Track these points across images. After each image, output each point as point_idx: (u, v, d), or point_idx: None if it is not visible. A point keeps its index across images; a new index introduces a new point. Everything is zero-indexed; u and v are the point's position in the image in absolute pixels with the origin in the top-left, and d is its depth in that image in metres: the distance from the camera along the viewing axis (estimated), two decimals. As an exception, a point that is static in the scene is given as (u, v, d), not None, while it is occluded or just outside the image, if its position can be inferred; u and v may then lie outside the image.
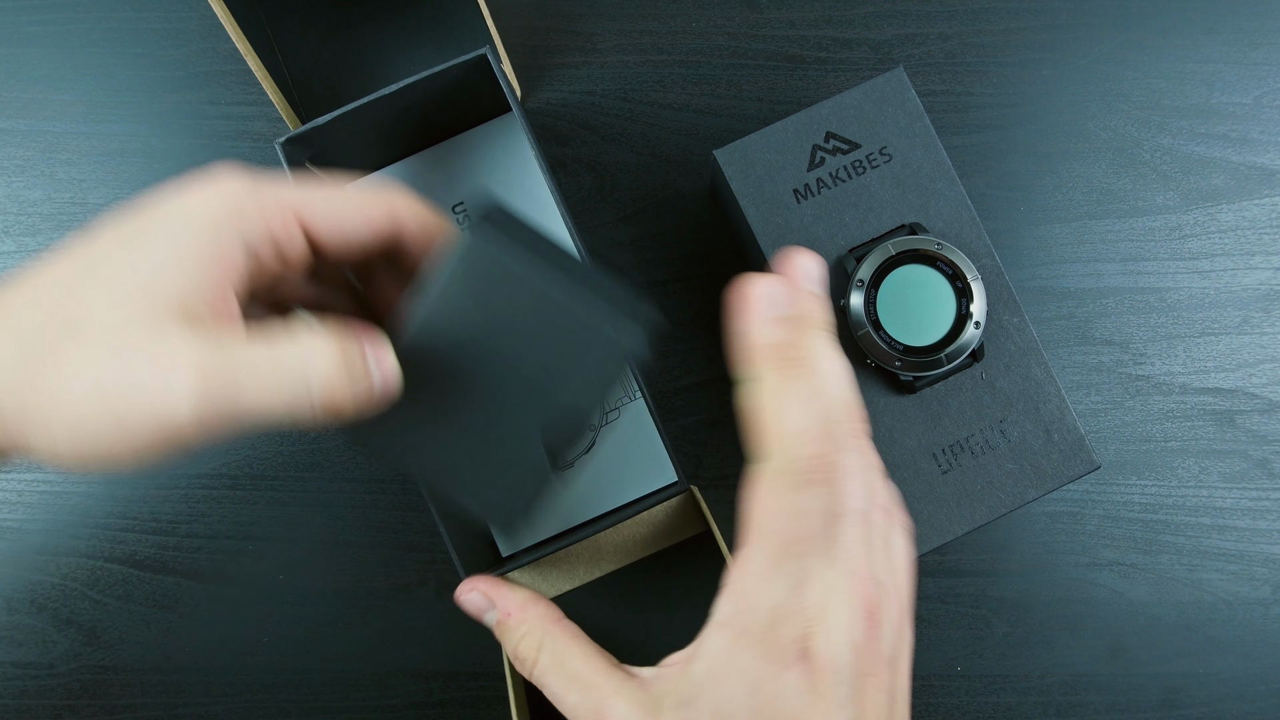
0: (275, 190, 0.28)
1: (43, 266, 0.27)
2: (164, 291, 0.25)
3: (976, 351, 0.40)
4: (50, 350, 0.25)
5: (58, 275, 0.26)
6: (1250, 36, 0.50)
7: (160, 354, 0.25)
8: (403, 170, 0.49)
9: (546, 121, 0.50)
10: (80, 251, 0.27)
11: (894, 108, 0.41)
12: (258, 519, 0.49)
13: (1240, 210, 0.49)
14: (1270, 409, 0.48)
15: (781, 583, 0.24)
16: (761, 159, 0.42)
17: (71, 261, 0.27)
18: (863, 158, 0.41)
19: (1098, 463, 0.40)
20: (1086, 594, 0.48)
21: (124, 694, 0.49)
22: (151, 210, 0.27)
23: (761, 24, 0.50)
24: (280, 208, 0.27)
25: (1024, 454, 0.40)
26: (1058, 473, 0.40)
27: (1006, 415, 0.41)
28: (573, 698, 0.28)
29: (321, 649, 0.48)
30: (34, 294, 0.26)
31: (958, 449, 0.41)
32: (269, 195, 0.27)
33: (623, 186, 0.49)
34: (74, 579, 0.49)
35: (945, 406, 0.41)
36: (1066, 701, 0.48)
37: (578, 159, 0.50)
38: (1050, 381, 0.41)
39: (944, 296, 0.40)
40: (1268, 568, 0.48)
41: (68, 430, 0.25)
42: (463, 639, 0.49)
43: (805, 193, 0.41)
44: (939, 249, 0.39)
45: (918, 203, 0.41)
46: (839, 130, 0.42)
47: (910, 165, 0.41)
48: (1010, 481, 0.40)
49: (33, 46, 0.51)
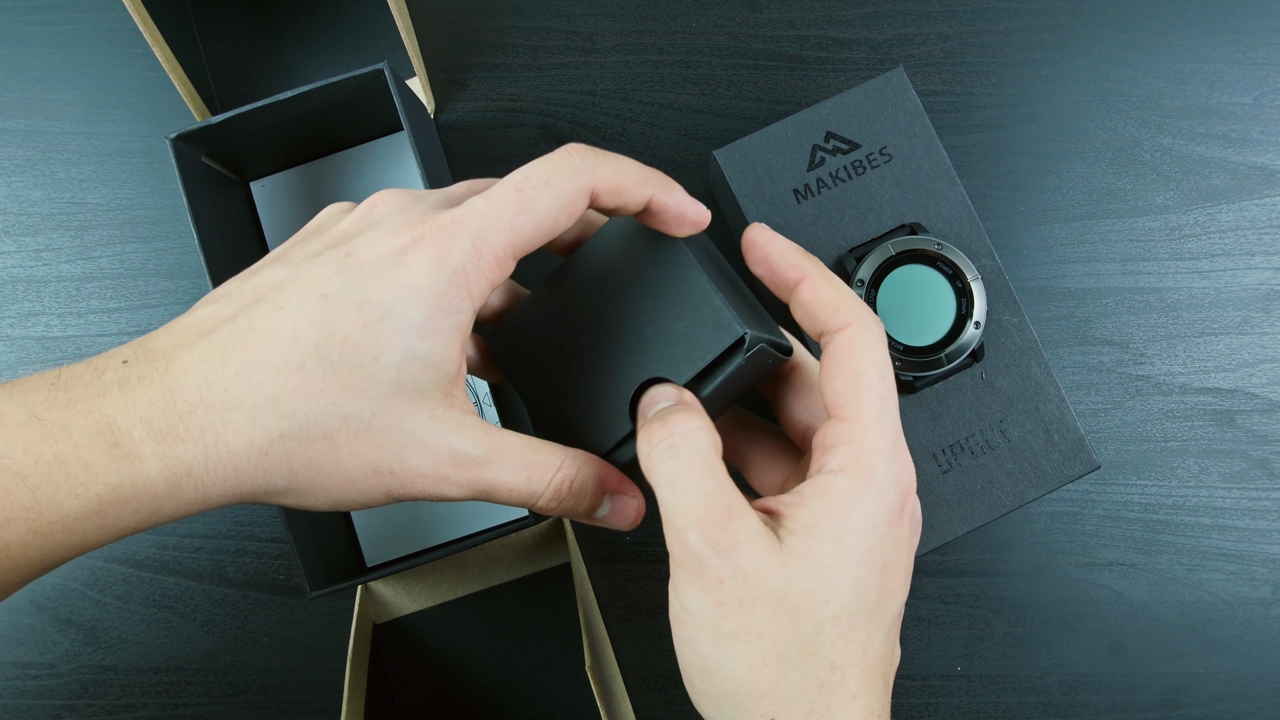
0: (495, 244, 0.27)
1: (276, 329, 0.26)
2: (423, 380, 0.26)
3: (976, 351, 0.40)
4: (323, 436, 0.26)
5: (307, 348, 0.26)
6: (1250, 36, 0.50)
7: (438, 451, 0.27)
8: (299, 175, 0.49)
9: (546, 121, 0.50)
10: (316, 319, 0.26)
11: (894, 108, 0.41)
12: (258, 519, 0.49)
13: (1240, 210, 0.49)
14: (1270, 409, 0.48)
15: (888, 434, 0.27)
16: (761, 159, 0.42)
17: (314, 331, 0.26)
18: (863, 158, 0.41)
19: (1098, 463, 0.40)
20: (1086, 594, 0.48)
21: (124, 694, 0.49)
22: (376, 269, 0.26)
23: (761, 24, 0.50)
24: (500, 262, 0.27)
25: (1024, 454, 0.40)
26: (1058, 473, 0.40)
27: (1006, 415, 0.41)
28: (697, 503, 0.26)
29: (321, 649, 0.48)
30: (289, 368, 0.25)
31: (958, 449, 0.41)
32: (489, 254, 0.27)
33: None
34: (74, 579, 0.49)
35: (945, 406, 0.41)
36: (1066, 701, 0.48)
37: (578, 159, 0.50)
38: (1050, 381, 0.41)
39: (944, 297, 0.40)
40: (1268, 568, 0.48)
41: (333, 499, 0.27)
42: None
43: (805, 193, 0.41)
44: (939, 249, 0.39)
45: (918, 203, 0.41)
46: (839, 130, 0.42)
47: (910, 165, 0.41)
48: (1010, 481, 0.40)
49: (33, 46, 0.51)
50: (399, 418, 0.26)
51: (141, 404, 0.25)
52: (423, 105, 0.47)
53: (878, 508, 0.26)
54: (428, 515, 0.47)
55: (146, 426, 0.25)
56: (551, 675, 0.47)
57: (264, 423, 0.25)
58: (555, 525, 0.47)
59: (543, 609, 0.48)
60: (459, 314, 0.26)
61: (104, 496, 0.25)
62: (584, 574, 0.46)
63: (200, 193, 0.43)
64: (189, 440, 0.25)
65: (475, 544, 0.41)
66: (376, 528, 0.47)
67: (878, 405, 0.27)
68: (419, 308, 0.26)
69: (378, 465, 0.26)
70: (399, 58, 0.49)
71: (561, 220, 0.27)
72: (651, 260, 0.30)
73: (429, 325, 0.26)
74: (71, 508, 0.25)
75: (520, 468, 0.28)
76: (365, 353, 0.26)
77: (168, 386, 0.25)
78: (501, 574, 0.48)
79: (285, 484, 0.26)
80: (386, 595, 0.48)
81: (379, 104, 0.43)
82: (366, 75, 0.40)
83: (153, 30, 0.44)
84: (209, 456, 0.25)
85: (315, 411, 0.25)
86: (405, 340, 0.26)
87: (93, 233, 0.50)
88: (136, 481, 0.25)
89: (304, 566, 0.40)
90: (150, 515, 0.26)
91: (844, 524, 0.26)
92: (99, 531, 0.26)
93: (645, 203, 0.29)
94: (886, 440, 0.27)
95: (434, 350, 0.26)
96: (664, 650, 0.48)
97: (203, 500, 0.26)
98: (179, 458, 0.25)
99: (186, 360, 0.26)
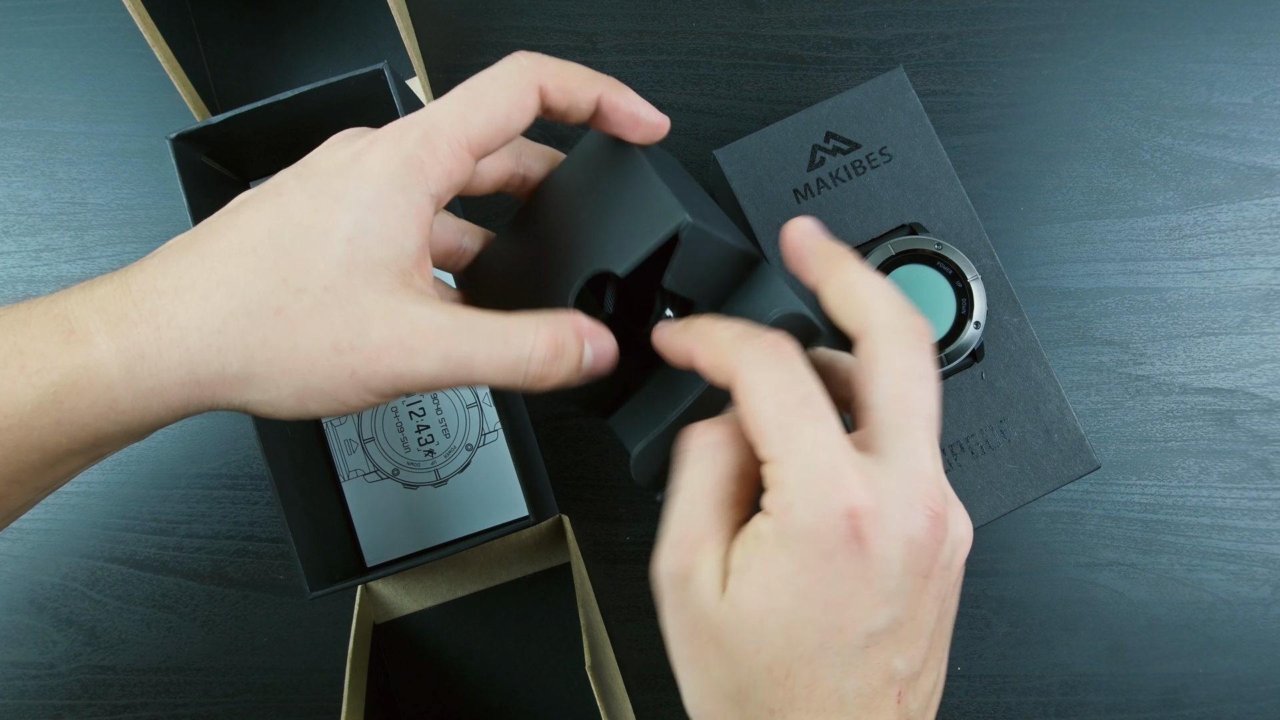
0: (449, 135, 0.27)
1: (231, 225, 0.26)
2: (376, 253, 0.26)
3: (976, 351, 0.40)
4: (276, 310, 0.25)
5: (260, 235, 0.26)
6: (1250, 36, 0.50)
7: (398, 320, 0.26)
8: None
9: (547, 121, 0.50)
10: (270, 212, 0.26)
11: (894, 108, 0.41)
12: (258, 519, 0.49)
13: (1240, 210, 0.49)
14: (1270, 409, 0.48)
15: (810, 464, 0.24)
16: (761, 159, 0.42)
17: (268, 220, 0.26)
18: (863, 158, 0.41)
19: (1098, 463, 0.40)
20: (1086, 594, 0.48)
21: (124, 694, 0.49)
22: (332, 169, 0.27)
23: (761, 24, 0.50)
24: (456, 153, 0.27)
25: (1024, 454, 0.40)
26: (1058, 473, 0.40)
27: (1006, 415, 0.41)
28: (676, 530, 0.26)
29: (321, 649, 0.48)
30: (242, 253, 0.26)
31: (958, 449, 0.41)
32: (444, 143, 0.27)
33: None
34: (74, 579, 0.49)
35: (945, 406, 0.41)
36: (1066, 701, 0.48)
37: (578, 159, 0.50)
38: (1050, 381, 0.40)
39: (944, 297, 0.40)
40: (1268, 568, 0.48)
41: (297, 387, 0.26)
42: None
43: (805, 193, 0.41)
44: (939, 249, 0.39)
45: (918, 203, 0.41)
46: (839, 130, 0.42)
47: (910, 165, 0.41)
48: (1010, 481, 0.40)
49: (33, 46, 0.51)
50: (353, 290, 0.26)
51: (98, 296, 0.26)
52: (423, 105, 0.47)
53: (805, 549, 0.23)
54: (428, 515, 0.48)
55: (101, 315, 0.26)
56: (551, 675, 0.47)
57: (216, 300, 0.25)
58: (555, 525, 0.47)
59: (543, 609, 0.48)
60: (413, 193, 0.26)
61: (59, 383, 0.25)
62: (584, 574, 0.46)
63: (200, 193, 0.43)
64: (142, 323, 0.25)
65: (475, 544, 0.41)
66: (377, 528, 0.47)
67: (782, 440, 0.24)
68: (370, 186, 0.26)
69: (336, 341, 0.26)
70: (399, 58, 0.49)
71: (514, 117, 0.28)
72: (610, 173, 0.30)
73: (381, 201, 0.26)
74: (26, 397, 0.25)
75: (496, 335, 0.27)
76: (317, 231, 0.26)
77: (124, 280, 0.26)
78: (501, 574, 0.48)
79: (242, 367, 0.26)
80: (386, 595, 0.48)
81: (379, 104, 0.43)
82: (366, 75, 0.40)
83: (153, 30, 0.44)
84: (161, 336, 0.25)
85: (267, 287, 0.25)
86: (356, 215, 0.26)
87: (93, 233, 0.50)
88: (91, 366, 0.25)
89: (304, 566, 0.40)
90: (107, 407, 0.26)
91: (769, 570, 0.24)
92: (55, 427, 0.26)
93: (595, 102, 0.29)
94: (807, 472, 0.24)
95: (387, 224, 0.26)
96: (664, 650, 0.48)
97: (159, 390, 0.26)
98: (132, 339, 0.25)
99: (145, 262, 0.27)
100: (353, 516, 0.48)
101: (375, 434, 0.48)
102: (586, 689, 0.46)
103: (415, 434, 0.48)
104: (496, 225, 0.50)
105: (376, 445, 0.48)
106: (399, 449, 0.48)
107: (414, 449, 0.48)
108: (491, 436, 0.48)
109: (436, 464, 0.48)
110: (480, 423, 0.48)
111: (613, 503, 0.49)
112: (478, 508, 0.47)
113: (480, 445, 0.48)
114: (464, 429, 0.48)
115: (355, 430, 0.48)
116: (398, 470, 0.48)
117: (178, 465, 0.49)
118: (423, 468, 0.48)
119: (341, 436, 0.48)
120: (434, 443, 0.48)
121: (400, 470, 0.48)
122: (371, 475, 0.48)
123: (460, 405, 0.48)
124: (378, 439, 0.48)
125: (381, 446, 0.48)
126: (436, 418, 0.48)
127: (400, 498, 0.47)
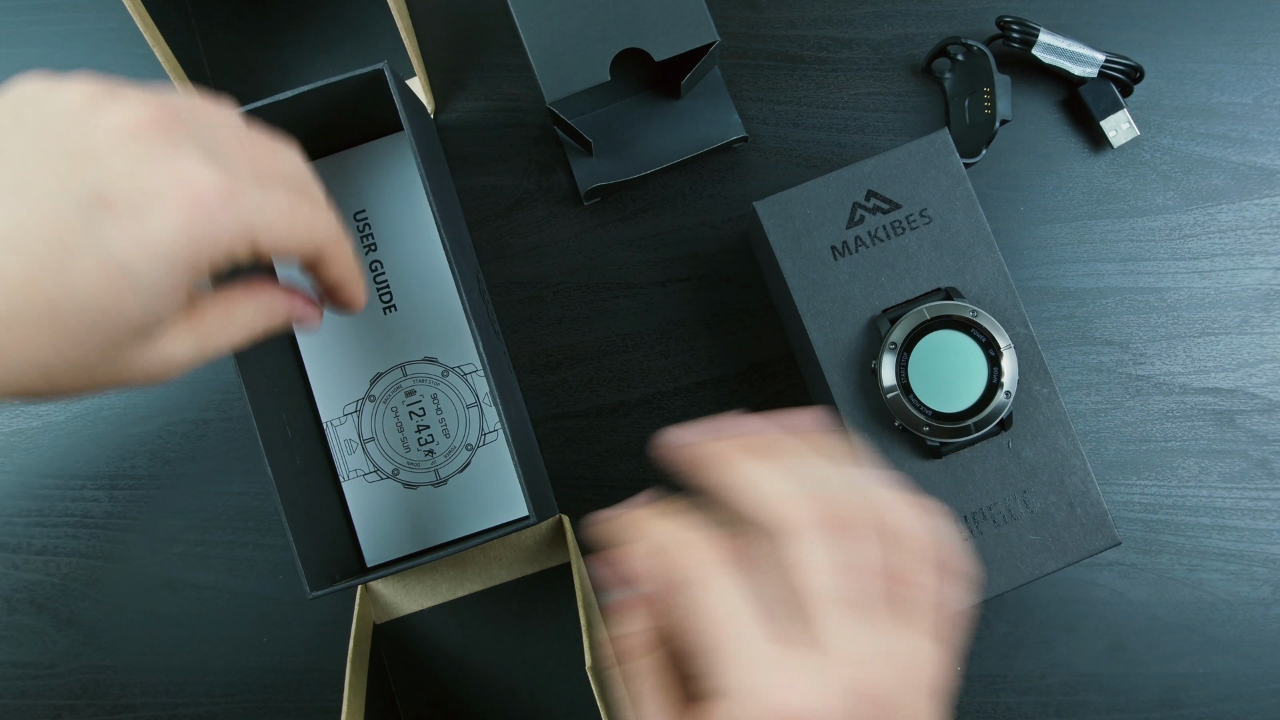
0: (235, 215, 0.27)
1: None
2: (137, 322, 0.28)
3: (1005, 420, 0.40)
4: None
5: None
6: (1250, 36, 0.50)
7: (150, 355, 0.29)
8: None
9: (546, 121, 0.50)
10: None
11: (936, 170, 0.41)
12: (258, 519, 0.49)
13: (1240, 210, 0.49)
14: (1270, 409, 0.48)
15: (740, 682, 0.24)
16: (801, 213, 0.41)
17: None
18: (902, 218, 0.41)
19: (1119, 539, 0.40)
20: (1086, 594, 0.48)
21: (124, 694, 0.49)
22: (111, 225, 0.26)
23: (761, 24, 0.50)
24: (241, 237, 0.28)
25: (1046, 525, 0.40)
26: (1079, 546, 0.40)
27: (1030, 486, 0.40)
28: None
29: (321, 649, 0.48)
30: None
31: (980, 516, 0.40)
32: (227, 224, 0.27)
33: (623, 186, 0.49)
34: (74, 579, 0.49)
35: (970, 473, 0.40)
36: (1066, 701, 0.48)
37: (578, 159, 0.50)
38: (1076, 454, 0.40)
39: (976, 364, 0.39)
40: (1268, 568, 0.48)
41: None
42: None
43: (843, 250, 0.41)
44: (974, 316, 0.39)
45: (954, 267, 0.41)
46: (880, 189, 0.41)
47: (949, 229, 0.41)
48: (1031, 552, 0.40)
49: (33, 46, 0.51)
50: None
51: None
52: (423, 105, 0.47)
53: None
54: (428, 515, 0.48)
55: None
56: (551, 675, 0.47)
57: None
58: (555, 525, 0.47)
59: (543, 609, 0.48)
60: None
61: None
62: (584, 574, 0.46)
63: (200, 193, 0.43)
64: None
65: (475, 544, 0.41)
66: (377, 528, 0.47)
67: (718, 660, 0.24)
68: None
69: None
70: (399, 58, 0.49)
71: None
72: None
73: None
74: None
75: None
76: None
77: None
78: (501, 574, 0.48)
79: None
80: (386, 595, 0.48)
81: (379, 104, 0.43)
82: (366, 75, 0.40)
83: (153, 30, 0.44)
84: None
85: None
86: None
87: (93, 233, 0.50)
88: None
89: (304, 566, 0.40)
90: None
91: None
92: None
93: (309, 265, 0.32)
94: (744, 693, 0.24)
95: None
96: (664, 650, 0.48)
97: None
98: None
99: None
100: (353, 516, 0.48)
101: (375, 434, 0.48)
102: (586, 689, 0.46)
103: (415, 434, 0.48)
104: (497, 224, 0.50)
105: (376, 445, 0.48)
106: (399, 449, 0.48)
107: (414, 449, 0.48)
108: (491, 436, 0.48)
109: (436, 464, 0.48)
110: (480, 423, 0.48)
111: (613, 503, 0.49)
112: (478, 508, 0.47)
113: (480, 445, 0.48)
114: (464, 429, 0.48)
115: (355, 430, 0.48)
116: (398, 470, 0.48)
117: (178, 465, 0.49)
118: (423, 468, 0.48)
119: (341, 436, 0.48)
120: (434, 443, 0.48)
121: (400, 470, 0.48)
122: (371, 475, 0.48)
123: (460, 405, 0.48)
124: (378, 439, 0.48)
125: (381, 446, 0.48)
126: (436, 418, 0.48)
127: (400, 498, 0.48)
